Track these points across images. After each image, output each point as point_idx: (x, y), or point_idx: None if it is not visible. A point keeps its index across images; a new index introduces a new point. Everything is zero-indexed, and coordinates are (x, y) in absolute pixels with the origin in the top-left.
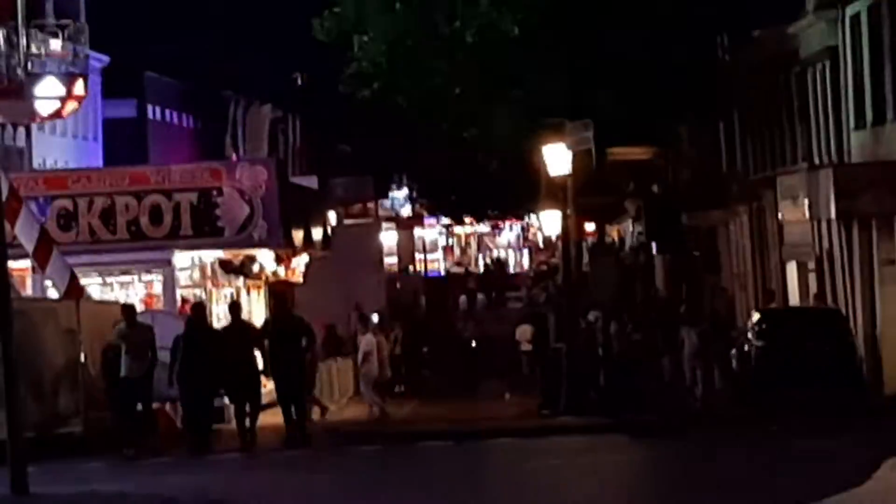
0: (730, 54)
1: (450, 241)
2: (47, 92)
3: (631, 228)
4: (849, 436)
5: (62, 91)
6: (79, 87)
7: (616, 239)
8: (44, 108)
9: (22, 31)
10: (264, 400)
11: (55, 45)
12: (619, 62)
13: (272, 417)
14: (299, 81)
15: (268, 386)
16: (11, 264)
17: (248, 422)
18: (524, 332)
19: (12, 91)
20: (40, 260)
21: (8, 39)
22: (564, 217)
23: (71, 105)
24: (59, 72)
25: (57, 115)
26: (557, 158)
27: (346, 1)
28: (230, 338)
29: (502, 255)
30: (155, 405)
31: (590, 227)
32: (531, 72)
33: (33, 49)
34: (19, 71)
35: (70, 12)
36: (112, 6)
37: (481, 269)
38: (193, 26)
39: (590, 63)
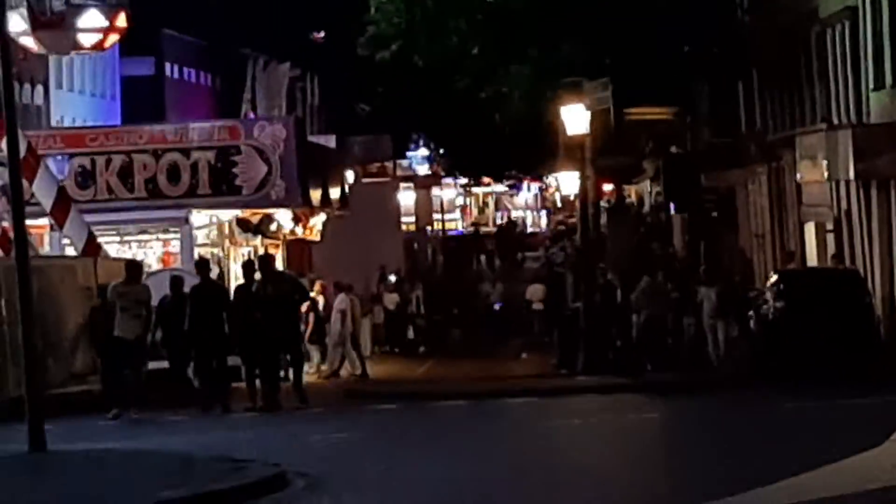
0: (749, 13)
1: (467, 201)
2: (89, 23)
3: (649, 189)
4: (866, 398)
5: (104, 23)
6: (121, 20)
7: (634, 199)
8: (86, 39)
9: None
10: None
11: None
12: (638, 21)
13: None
14: (317, 39)
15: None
16: (29, 222)
17: (287, 379)
18: (535, 291)
19: (54, 22)
20: (58, 218)
21: None
22: (582, 177)
23: (113, 37)
24: (101, 3)
25: (98, 46)
26: (575, 118)
27: None
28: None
29: (520, 215)
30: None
31: (608, 187)
32: (550, 31)
33: None
34: (61, 1)
35: None
36: None
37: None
38: None
39: (609, 22)
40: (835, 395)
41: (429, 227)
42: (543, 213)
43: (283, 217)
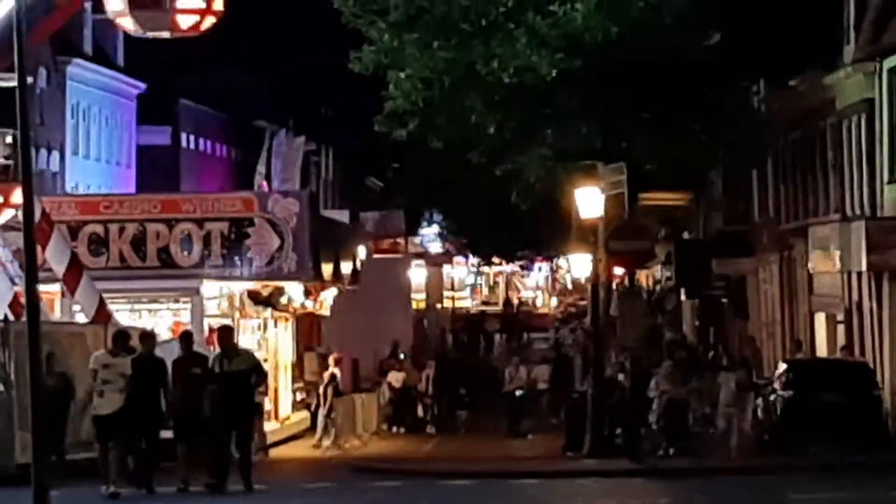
0: (765, 102)
1: (478, 280)
2: (187, 4)
3: (660, 273)
4: (872, 491)
5: (202, 4)
6: (218, 2)
7: (645, 283)
8: (183, 21)
9: None
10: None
11: None
12: (654, 108)
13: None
14: (331, 114)
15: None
16: (41, 287)
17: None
18: (542, 372)
19: (151, 3)
20: (70, 284)
21: None
22: (595, 260)
23: (209, 20)
24: None
25: (195, 28)
26: (589, 201)
27: (385, 36)
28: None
29: (531, 295)
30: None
31: (619, 270)
32: (566, 114)
33: None
34: None
35: None
36: None
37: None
38: (229, 56)
39: (625, 108)
40: (841, 488)
41: (439, 305)
42: (554, 293)
43: (294, 290)
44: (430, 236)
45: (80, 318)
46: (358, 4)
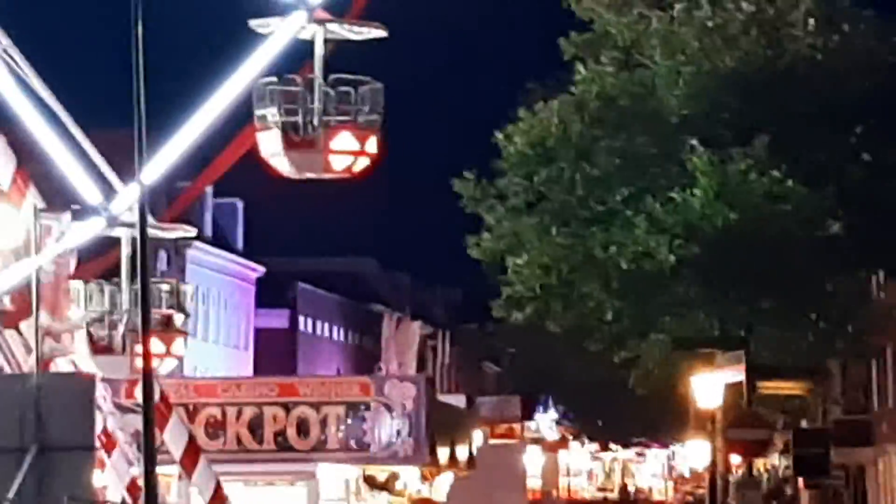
0: (884, 291)
1: (594, 466)
2: (341, 146)
3: (778, 462)
4: None
5: (356, 146)
6: (371, 144)
7: (763, 472)
8: (337, 162)
9: (319, 84)
10: None
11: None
12: (772, 296)
13: None
14: (448, 299)
15: None
16: (158, 469)
17: None
18: None
19: (306, 144)
20: (187, 467)
21: (306, 92)
22: (713, 448)
23: (362, 161)
24: (352, 127)
25: (348, 170)
26: (708, 389)
27: (503, 223)
28: None
29: (647, 483)
30: None
31: (736, 459)
32: (684, 301)
33: (328, 103)
34: (315, 122)
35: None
36: (267, 219)
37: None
38: (347, 241)
39: (743, 296)
40: None
41: (554, 491)
42: (670, 481)
43: (409, 475)
44: (545, 421)
45: (197, 502)
46: (478, 189)
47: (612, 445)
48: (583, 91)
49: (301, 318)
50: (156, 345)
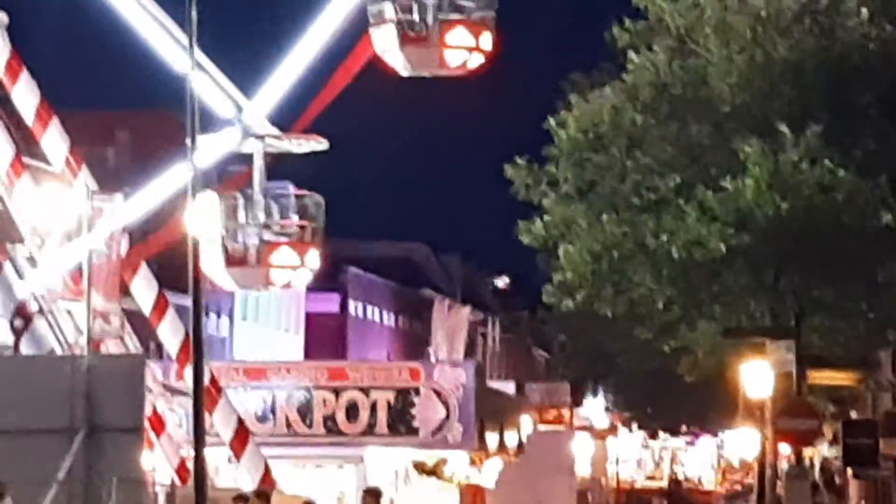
0: None
1: (643, 454)
2: (457, 41)
3: (827, 452)
4: None
5: (472, 42)
6: (485, 40)
7: (812, 462)
8: (452, 58)
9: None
10: None
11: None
12: (823, 287)
13: None
14: (500, 286)
15: None
16: (207, 451)
17: None
18: None
19: (421, 39)
20: (236, 450)
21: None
22: (762, 438)
23: (477, 58)
24: (467, 22)
25: (463, 66)
26: (757, 379)
27: (555, 209)
28: None
29: (695, 471)
30: None
31: (785, 448)
32: (735, 290)
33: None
34: (430, 17)
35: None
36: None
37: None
38: (398, 224)
39: (794, 286)
40: None
41: (603, 479)
42: (719, 471)
43: (458, 460)
44: (595, 409)
45: (246, 484)
46: (530, 175)
47: (661, 434)
48: (635, 79)
49: (351, 303)
50: (290, 256)
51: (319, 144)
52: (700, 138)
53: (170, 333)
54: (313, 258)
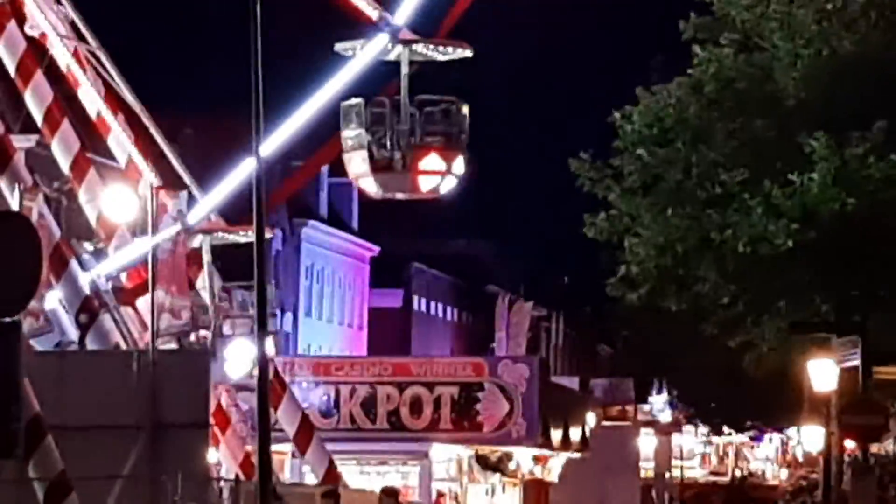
0: None
1: (707, 449)
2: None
3: (893, 448)
4: None
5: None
6: (457, 165)
7: (877, 458)
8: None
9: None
10: None
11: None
12: (889, 283)
13: None
14: (563, 281)
15: None
16: (272, 447)
17: None
18: None
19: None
20: (300, 445)
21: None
22: (827, 433)
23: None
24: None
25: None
26: (823, 374)
27: (619, 203)
28: None
29: (760, 466)
30: None
31: (850, 444)
32: (801, 286)
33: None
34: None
35: None
36: (382, 199)
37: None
38: (461, 221)
39: (860, 282)
40: None
41: (667, 474)
42: (784, 467)
43: (522, 456)
44: (659, 404)
45: (310, 479)
46: (594, 169)
47: (725, 429)
48: (700, 73)
49: (415, 298)
50: (437, 162)
51: (465, 51)
52: (765, 133)
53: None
54: (459, 165)
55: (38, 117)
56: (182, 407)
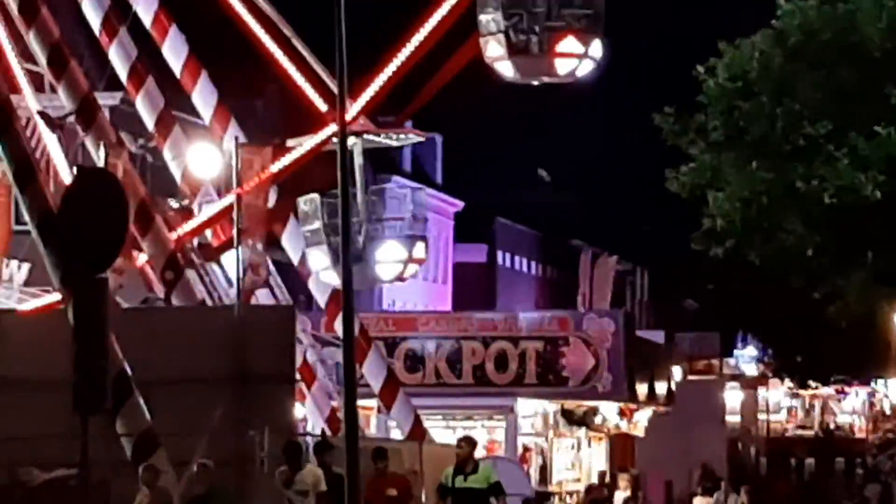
0: None
1: (794, 403)
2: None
3: None
4: None
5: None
6: (595, 48)
7: None
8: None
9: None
10: None
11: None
12: None
13: None
14: (648, 233)
15: None
16: (357, 402)
17: None
18: (874, 490)
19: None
20: (386, 400)
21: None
22: None
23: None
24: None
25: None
26: None
27: (703, 156)
28: None
29: (847, 420)
30: None
31: None
32: (888, 237)
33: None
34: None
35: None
36: (467, 154)
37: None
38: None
39: None
40: None
41: (753, 428)
42: (870, 419)
43: (608, 410)
44: (745, 358)
45: (396, 435)
46: (679, 123)
47: (811, 382)
48: (784, 24)
49: (499, 253)
50: (574, 45)
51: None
52: (850, 84)
53: (320, 284)
54: (597, 48)
55: (122, 74)
56: (268, 361)
